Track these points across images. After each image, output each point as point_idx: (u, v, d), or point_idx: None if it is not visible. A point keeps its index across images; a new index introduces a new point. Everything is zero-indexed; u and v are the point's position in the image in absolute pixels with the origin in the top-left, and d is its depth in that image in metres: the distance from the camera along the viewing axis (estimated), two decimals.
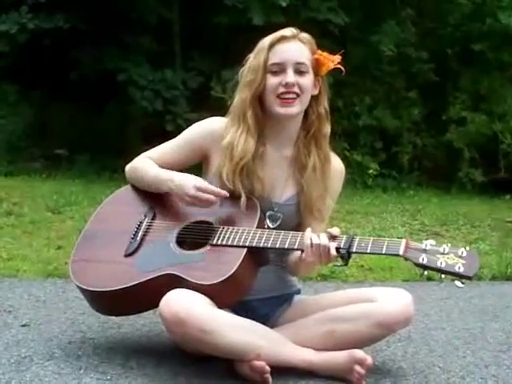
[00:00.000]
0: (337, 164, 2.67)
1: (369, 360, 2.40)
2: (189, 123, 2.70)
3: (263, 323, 2.48)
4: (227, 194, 2.48)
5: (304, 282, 3.11)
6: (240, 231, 2.44)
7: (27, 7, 7.96)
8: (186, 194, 2.50)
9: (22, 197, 6.10)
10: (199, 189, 2.47)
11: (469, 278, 2.22)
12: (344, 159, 2.72)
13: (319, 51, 2.59)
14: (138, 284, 2.41)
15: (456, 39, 9.29)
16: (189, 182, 2.50)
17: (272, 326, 2.54)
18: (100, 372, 2.40)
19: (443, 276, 2.25)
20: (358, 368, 2.39)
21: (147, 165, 2.68)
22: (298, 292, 2.75)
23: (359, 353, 2.41)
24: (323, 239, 2.33)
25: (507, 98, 8.93)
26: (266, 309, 2.62)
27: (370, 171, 8.48)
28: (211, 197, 2.47)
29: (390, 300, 2.46)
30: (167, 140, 2.75)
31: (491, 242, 5.42)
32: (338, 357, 2.42)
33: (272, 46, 2.54)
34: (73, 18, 7.89)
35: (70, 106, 8.54)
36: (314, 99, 2.59)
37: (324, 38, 2.72)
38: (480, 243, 5.37)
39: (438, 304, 3.56)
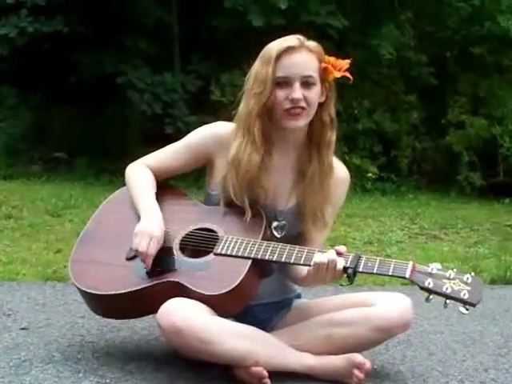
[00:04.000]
0: (341, 172, 2.61)
1: (368, 364, 2.39)
2: (188, 126, 2.69)
3: (263, 328, 2.47)
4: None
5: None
6: (245, 242, 2.39)
7: (26, 11, 7.99)
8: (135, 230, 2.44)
9: (21, 200, 6.11)
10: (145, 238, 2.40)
11: (473, 305, 2.21)
12: (343, 163, 2.68)
13: (327, 58, 2.49)
14: (138, 290, 2.39)
15: (455, 42, 9.31)
16: (147, 226, 2.42)
17: (271, 331, 2.53)
18: (99, 375, 2.39)
19: (448, 301, 2.24)
20: (356, 372, 2.38)
21: (137, 182, 2.60)
22: (299, 296, 2.74)
23: (358, 357, 2.40)
24: (331, 256, 2.31)
25: (506, 102, 8.95)
26: (267, 314, 2.61)
27: (369, 175, 8.49)
28: (142, 250, 2.39)
29: (389, 304, 2.46)
30: (167, 143, 2.67)
31: (490, 246, 5.42)
32: (337, 361, 2.42)
33: (279, 57, 2.43)
34: (72, 21, 7.92)
35: (69, 109, 8.56)
36: (320, 106, 2.50)
37: (323, 41, 2.68)
38: (479, 247, 5.37)
39: (437, 308, 3.54)
